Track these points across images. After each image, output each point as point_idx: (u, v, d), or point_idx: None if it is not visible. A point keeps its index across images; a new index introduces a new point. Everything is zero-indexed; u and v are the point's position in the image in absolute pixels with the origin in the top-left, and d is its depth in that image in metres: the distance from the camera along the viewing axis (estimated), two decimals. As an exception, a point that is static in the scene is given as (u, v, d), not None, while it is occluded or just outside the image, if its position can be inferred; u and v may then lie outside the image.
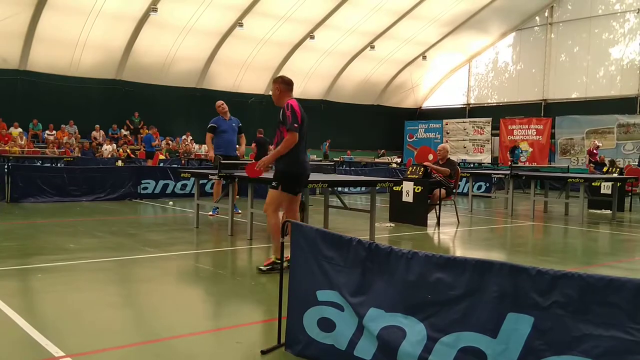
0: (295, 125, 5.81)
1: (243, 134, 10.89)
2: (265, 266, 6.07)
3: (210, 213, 10.85)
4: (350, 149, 29.89)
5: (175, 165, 17.81)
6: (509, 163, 24.43)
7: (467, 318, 2.76)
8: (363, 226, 8.78)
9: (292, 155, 5.91)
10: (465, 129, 30.30)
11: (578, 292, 2.46)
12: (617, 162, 21.29)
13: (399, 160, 29.64)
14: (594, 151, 20.78)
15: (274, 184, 6.04)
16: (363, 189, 16.95)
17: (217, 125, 10.54)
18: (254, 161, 10.39)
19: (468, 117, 31.14)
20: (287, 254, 3.73)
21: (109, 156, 21.57)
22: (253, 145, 17.68)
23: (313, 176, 8.72)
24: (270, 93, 6.47)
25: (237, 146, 10.94)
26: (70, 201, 12.58)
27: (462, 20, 28.09)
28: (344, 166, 22.92)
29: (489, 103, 31.47)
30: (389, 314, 3.06)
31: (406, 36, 28.31)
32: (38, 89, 22.21)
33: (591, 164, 20.14)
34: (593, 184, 12.52)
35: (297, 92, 28.90)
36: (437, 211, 10.67)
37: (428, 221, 10.43)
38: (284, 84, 6.17)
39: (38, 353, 3.62)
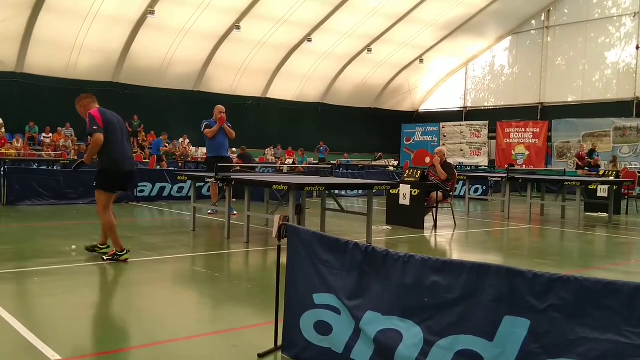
0: (95, 127, 6.46)
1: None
2: (108, 257, 6.56)
3: (210, 212, 10.86)
4: (348, 151, 29.91)
5: (172, 168, 17.80)
6: (584, 169, 20.56)
7: (464, 321, 2.76)
8: (360, 229, 8.79)
9: (105, 155, 6.47)
10: (462, 132, 30.34)
11: (574, 295, 2.47)
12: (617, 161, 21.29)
13: (396, 163, 29.67)
14: (582, 154, 20.83)
15: (94, 184, 6.61)
16: (360, 191, 16.96)
17: (210, 126, 10.92)
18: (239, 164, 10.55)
19: (465, 121, 31.20)
20: (283, 257, 3.73)
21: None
22: (236, 160, 17.58)
23: (310, 179, 8.74)
24: (268, 96, 6.78)
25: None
26: (67, 204, 12.55)
27: (458, 23, 28.17)
28: (341, 169, 22.93)
29: (485, 106, 31.54)
30: (386, 317, 3.05)
31: (403, 39, 28.37)
32: (35, 92, 22.17)
33: (585, 168, 20.15)
34: (589, 187, 12.56)
35: (294, 94, 29.11)
36: (434, 214, 10.67)
37: (425, 224, 10.44)
38: (85, 99, 7.12)
39: (34, 356, 3.61)
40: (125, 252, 6.56)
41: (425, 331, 2.89)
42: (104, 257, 6.61)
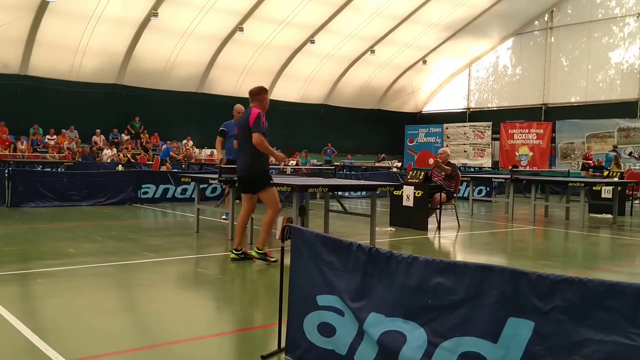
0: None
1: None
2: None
3: (224, 217, 10.75)
4: (351, 153, 29.89)
5: (176, 170, 17.81)
6: (590, 170, 20.63)
7: (468, 323, 2.76)
8: (363, 230, 8.78)
9: None
10: (465, 133, 30.30)
11: (579, 296, 2.46)
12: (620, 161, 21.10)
13: (399, 164, 29.62)
14: (589, 155, 20.74)
15: None
16: (363, 193, 16.93)
17: (226, 129, 10.28)
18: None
19: (468, 122, 31.15)
20: (287, 258, 3.73)
21: (109, 161, 21.58)
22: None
23: (313, 180, 8.73)
24: (271, 97, 6.80)
25: None
26: (71, 206, 12.58)
27: (461, 25, 28.14)
28: (345, 170, 22.91)
29: (489, 107, 31.50)
30: (390, 318, 3.05)
31: (406, 41, 28.36)
32: (39, 94, 22.22)
33: (590, 169, 20.07)
34: (594, 188, 12.52)
35: (298, 96, 29.13)
36: (438, 215, 10.66)
37: (428, 225, 10.42)
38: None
39: (38, 358, 3.61)
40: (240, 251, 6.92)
41: (429, 333, 2.88)
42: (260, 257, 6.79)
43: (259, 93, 6.74)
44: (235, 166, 9.79)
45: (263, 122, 6.55)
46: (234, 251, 6.94)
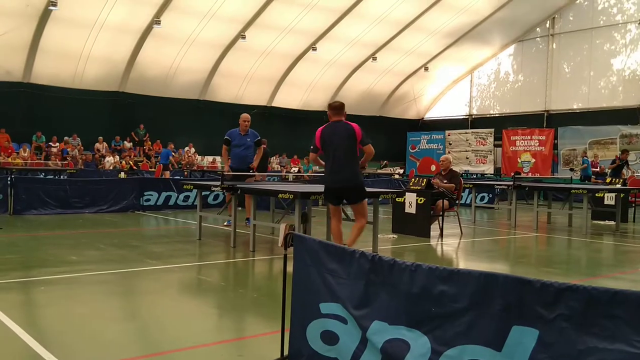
0: (311, 147, 7.06)
1: (261, 147, 10.56)
2: None
3: (225, 224, 10.76)
4: (353, 160, 29.82)
5: (178, 177, 17.83)
6: (592, 177, 20.23)
7: (472, 331, 2.74)
8: (366, 238, 8.76)
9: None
10: (467, 140, 30.30)
11: (583, 304, 2.44)
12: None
13: (401, 171, 29.63)
14: (595, 162, 20.67)
15: None
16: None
17: (230, 138, 10.28)
18: (253, 172, 10.36)
19: (470, 128, 31.15)
20: (289, 266, 3.72)
21: (111, 168, 21.61)
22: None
23: (315, 187, 8.73)
24: (273, 104, 6.91)
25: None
26: (73, 213, 12.58)
27: (463, 32, 28.19)
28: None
29: (491, 114, 31.50)
30: (393, 326, 3.03)
31: (408, 48, 28.41)
32: (42, 101, 22.29)
33: (593, 177, 20.02)
34: (596, 194, 12.50)
35: (300, 103, 29.17)
36: (440, 222, 10.64)
37: (431, 232, 10.41)
38: (329, 111, 7.18)
39: (40, 366, 3.60)
40: None
41: (432, 341, 2.87)
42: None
43: (342, 107, 7.12)
44: (237, 173, 9.91)
45: None
46: None
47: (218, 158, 23.30)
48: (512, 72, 30.48)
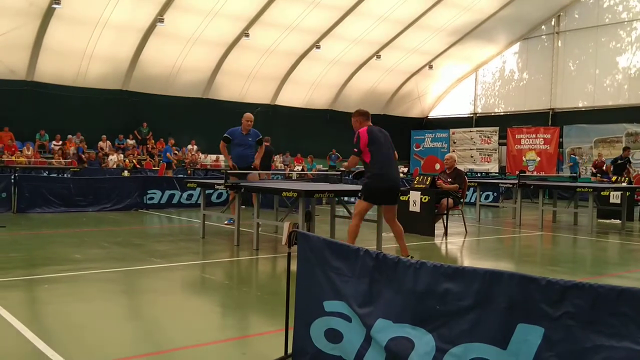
0: (355, 149, 7.29)
1: (262, 145, 10.49)
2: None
3: (226, 222, 10.76)
4: (357, 158, 29.78)
5: (181, 176, 17.83)
6: (597, 176, 19.89)
7: (476, 329, 2.72)
8: (370, 236, 8.75)
9: (368, 170, 7.29)
10: (472, 139, 30.24)
11: (589, 302, 2.42)
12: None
13: (405, 169, 29.57)
14: (598, 162, 20.58)
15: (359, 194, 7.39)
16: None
17: (231, 137, 10.21)
18: (256, 170, 10.34)
19: (475, 127, 31.07)
20: (293, 264, 3.70)
21: (115, 166, 21.63)
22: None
23: (319, 186, 8.72)
24: (277, 103, 6.97)
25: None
26: (77, 211, 12.60)
27: (468, 29, 28.11)
28: (350, 176, 22.86)
29: (496, 112, 31.41)
30: (397, 324, 3.01)
31: (412, 46, 28.34)
32: (45, 100, 22.31)
33: (597, 175, 19.92)
34: (602, 193, 12.44)
35: (303, 101, 29.15)
36: (445, 221, 10.61)
37: (435, 231, 10.38)
38: (358, 116, 7.75)
39: (43, 364, 3.60)
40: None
41: (437, 339, 2.85)
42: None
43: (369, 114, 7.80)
44: (240, 171, 9.89)
45: None
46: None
47: (221, 157, 23.30)
48: (517, 70, 30.37)
